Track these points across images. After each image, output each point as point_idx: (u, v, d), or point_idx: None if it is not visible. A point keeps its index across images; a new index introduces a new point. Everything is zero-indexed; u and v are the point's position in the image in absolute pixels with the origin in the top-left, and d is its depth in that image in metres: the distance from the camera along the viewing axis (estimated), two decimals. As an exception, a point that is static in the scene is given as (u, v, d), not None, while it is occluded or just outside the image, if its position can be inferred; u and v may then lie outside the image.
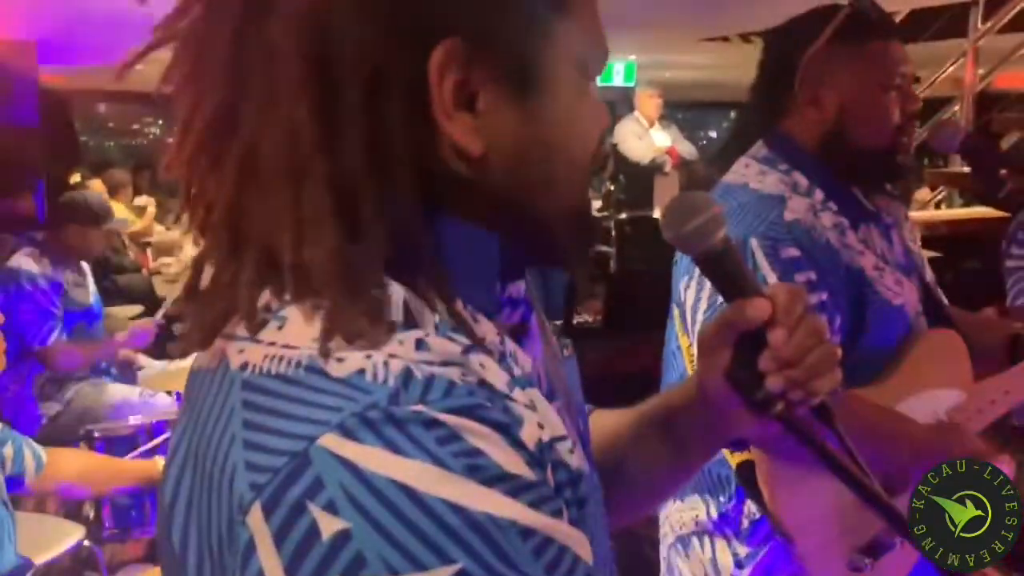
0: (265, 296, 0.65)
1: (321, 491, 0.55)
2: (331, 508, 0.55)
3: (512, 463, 0.59)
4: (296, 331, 0.62)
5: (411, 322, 0.64)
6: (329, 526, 0.55)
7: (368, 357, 0.60)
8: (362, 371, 0.59)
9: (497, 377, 0.65)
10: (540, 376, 0.74)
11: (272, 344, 0.62)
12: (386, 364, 0.59)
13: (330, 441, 0.56)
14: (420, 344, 0.62)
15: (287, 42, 0.63)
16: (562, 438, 0.69)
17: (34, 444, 2.28)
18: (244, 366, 0.62)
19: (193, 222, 0.70)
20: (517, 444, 0.61)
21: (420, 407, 0.58)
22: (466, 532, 0.55)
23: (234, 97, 0.65)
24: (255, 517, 0.57)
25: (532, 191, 0.71)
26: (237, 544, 0.58)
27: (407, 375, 0.59)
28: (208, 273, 0.70)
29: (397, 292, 0.65)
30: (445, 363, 0.62)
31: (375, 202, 0.64)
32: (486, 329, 0.69)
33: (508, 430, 0.61)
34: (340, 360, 0.60)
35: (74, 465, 2.40)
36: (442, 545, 0.55)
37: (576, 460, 0.70)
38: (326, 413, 0.57)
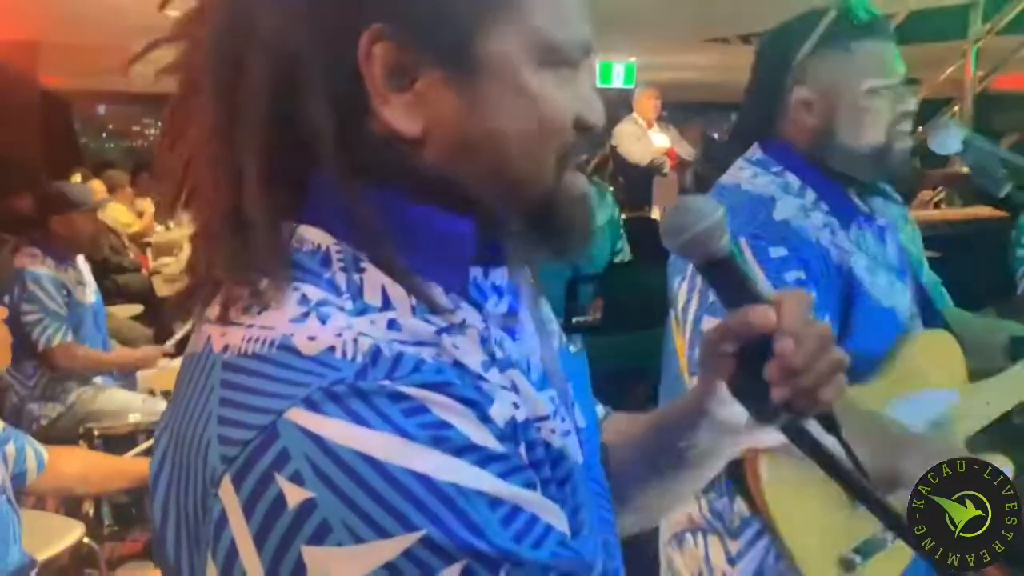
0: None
1: (287, 462, 0.57)
2: (296, 478, 0.56)
3: (480, 435, 0.61)
4: (273, 313, 0.64)
5: (388, 305, 0.66)
6: (295, 496, 0.56)
7: (339, 335, 0.61)
8: (332, 348, 0.61)
9: (472, 357, 0.66)
10: (530, 365, 0.74)
11: (251, 326, 0.64)
12: (355, 342, 0.61)
13: (296, 414, 0.58)
14: (392, 324, 0.64)
15: (212, 30, 0.68)
16: (544, 418, 0.70)
17: (36, 443, 2.28)
18: (225, 348, 0.64)
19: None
20: (486, 419, 0.62)
21: (386, 382, 0.59)
22: (431, 501, 0.56)
23: (188, 89, 0.71)
24: (226, 489, 0.59)
25: (481, 180, 0.70)
26: (210, 516, 0.60)
27: (375, 352, 0.61)
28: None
29: (376, 277, 0.67)
30: (417, 343, 0.63)
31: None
32: (468, 314, 0.70)
33: (476, 406, 0.62)
34: (312, 339, 0.61)
35: (75, 464, 2.40)
36: (406, 513, 0.56)
37: (559, 442, 0.71)
38: (294, 388, 0.59)
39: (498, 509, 0.58)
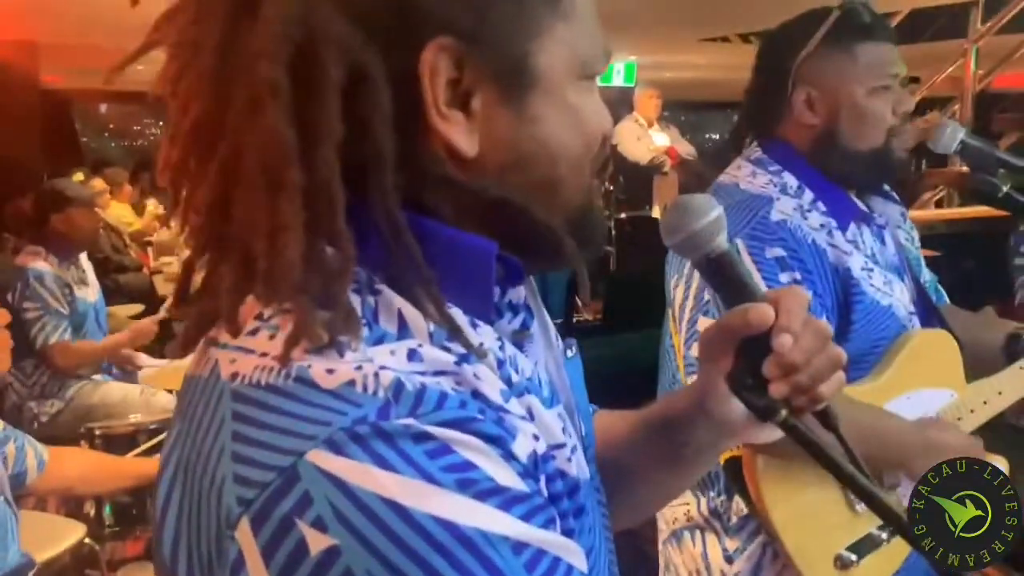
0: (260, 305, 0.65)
1: (309, 507, 0.55)
2: (319, 524, 0.55)
3: (504, 475, 0.59)
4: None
5: (405, 331, 0.64)
6: (317, 543, 0.55)
7: (359, 368, 0.59)
8: (352, 383, 0.58)
9: (492, 387, 0.64)
10: (541, 381, 0.74)
11: (264, 355, 0.61)
12: (376, 376, 0.59)
13: (318, 456, 0.56)
14: (412, 354, 0.62)
15: (267, 48, 0.62)
16: (560, 446, 0.69)
17: (36, 443, 2.28)
18: (234, 376, 0.62)
19: (182, 225, 0.69)
20: (509, 456, 0.61)
21: (410, 420, 0.57)
22: (456, 548, 0.55)
23: (219, 103, 0.64)
24: (243, 532, 0.57)
25: (529, 193, 0.70)
26: (226, 558, 0.58)
27: (398, 387, 0.58)
28: (199, 276, 0.70)
29: (392, 300, 0.65)
30: (438, 373, 0.61)
31: (347, 210, 0.63)
32: (485, 336, 0.69)
33: (501, 443, 0.60)
34: (330, 371, 0.59)
35: (76, 464, 2.40)
36: (431, 562, 0.54)
37: (574, 467, 0.70)
38: (314, 427, 0.57)
39: (522, 554, 0.57)
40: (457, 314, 0.67)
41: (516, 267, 0.73)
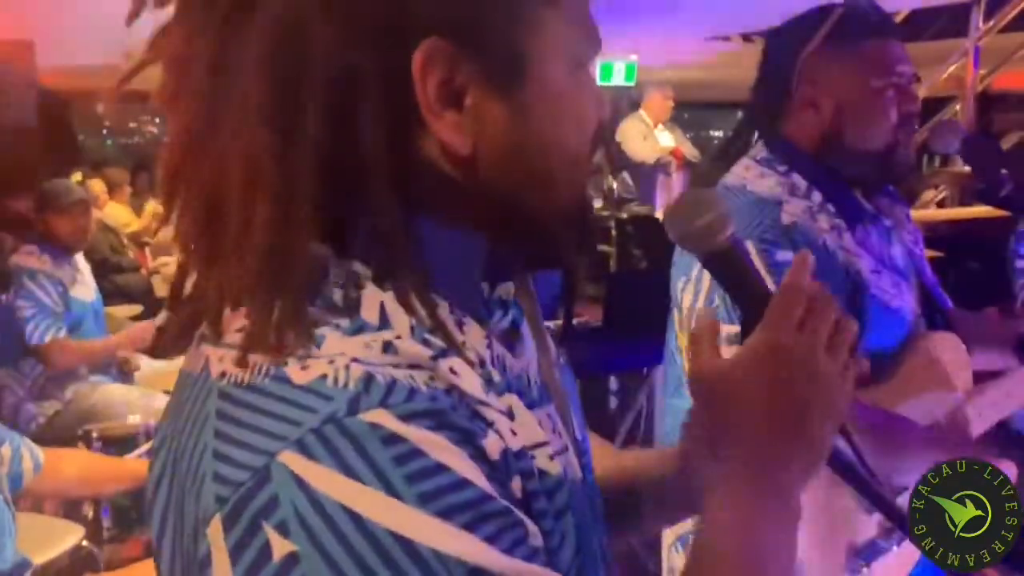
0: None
1: (276, 510, 0.55)
2: (283, 529, 0.55)
3: (473, 486, 0.58)
4: None
5: (385, 324, 0.64)
6: (280, 548, 0.55)
7: (331, 362, 0.60)
8: (324, 377, 0.59)
9: (470, 382, 0.64)
10: (530, 381, 0.73)
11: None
12: (347, 368, 0.59)
13: (288, 458, 0.56)
14: (387, 347, 0.62)
15: (258, 55, 0.63)
16: (542, 444, 0.68)
17: (32, 445, 2.27)
18: (222, 375, 0.63)
19: (176, 230, 0.69)
20: (480, 455, 0.60)
21: (379, 416, 0.57)
22: (409, 567, 0.54)
23: (211, 116, 0.65)
24: (215, 530, 0.57)
25: (526, 188, 0.70)
26: (197, 554, 0.58)
27: (368, 379, 0.59)
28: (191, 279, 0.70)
29: (374, 294, 0.65)
30: (412, 366, 0.61)
31: (339, 206, 0.64)
32: (473, 333, 0.69)
33: (471, 438, 0.60)
34: (304, 368, 0.60)
35: (73, 466, 2.39)
36: None
37: (558, 466, 0.70)
38: (287, 427, 0.57)
39: None
40: (444, 310, 0.67)
41: (505, 263, 0.73)
